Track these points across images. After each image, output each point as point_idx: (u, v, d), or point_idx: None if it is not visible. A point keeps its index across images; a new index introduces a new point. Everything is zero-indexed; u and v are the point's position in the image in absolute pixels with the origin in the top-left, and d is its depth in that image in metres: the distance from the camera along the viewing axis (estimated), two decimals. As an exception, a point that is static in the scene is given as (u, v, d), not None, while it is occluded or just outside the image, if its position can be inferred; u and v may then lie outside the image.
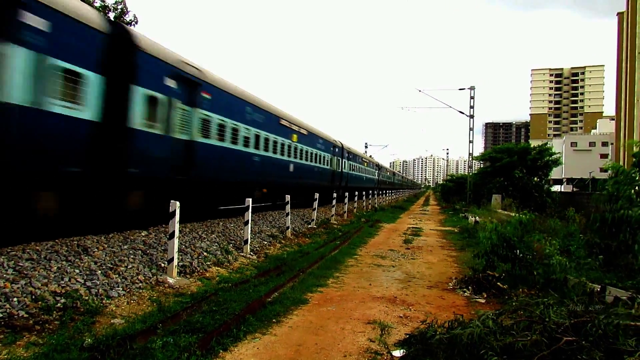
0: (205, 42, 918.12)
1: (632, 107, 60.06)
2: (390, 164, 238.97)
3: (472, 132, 34.63)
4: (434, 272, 9.65)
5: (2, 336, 4.47)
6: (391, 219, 24.59)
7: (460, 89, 34.53)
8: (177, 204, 7.48)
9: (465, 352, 3.88)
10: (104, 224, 9.31)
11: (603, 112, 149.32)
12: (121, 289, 6.33)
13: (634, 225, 7.90)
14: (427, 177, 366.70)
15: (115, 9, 24.31)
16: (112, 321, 5.30)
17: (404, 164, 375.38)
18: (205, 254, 9.10)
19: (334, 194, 21.07)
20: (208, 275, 8.07)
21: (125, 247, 8.07)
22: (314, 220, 17.56)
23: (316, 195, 17.90)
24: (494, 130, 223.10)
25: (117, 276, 6.66)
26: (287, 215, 14.07)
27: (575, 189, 49.04)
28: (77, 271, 6.37)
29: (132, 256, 7.64)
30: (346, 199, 24.01)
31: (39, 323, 4.84)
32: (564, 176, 79.04)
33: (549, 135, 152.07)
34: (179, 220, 7.50)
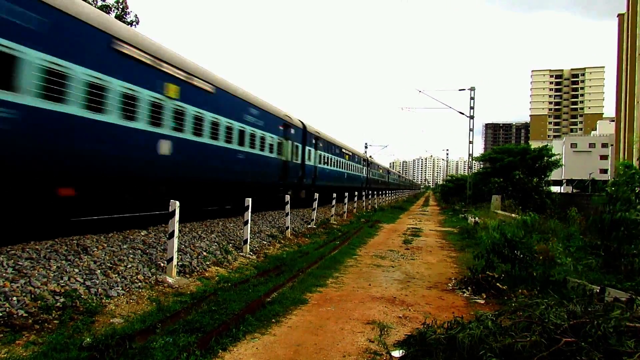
0: (206, 41, 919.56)
1: (632, 108, 60.10)
2: (390, 164, 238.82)
3: (472, 132, 34.60)
4: (433, 272, 9.65)
5: (1, 335, 4.47)
6: (391, 220, 24.60)
7: (460, 89, 34.53)
8: (177, 203, 7.48)
9: (465, 353, 3.88)
10: (104, 223, 9.31)
11: (603, 113, 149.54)
12: (120, 288, 6.33)
13: (630, 227, 7.93)
14: (427, 177, 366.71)
15: (117, 8, 24.36)
16: (112, 320, 5.30)
17: (403, 164, 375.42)
18: (205, 253, 9.10)
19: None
20: (207, 275, 8.07)
21: (125, 246, 8.06)
22: (313, 220, 17.56)
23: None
24: (494, 131, 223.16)
25: (117, 276, 6.66)
26: (287, 215, 14.08)
27: (575, 190, 49.07)
28: (77, 270, 6.37)
29: (131, 256, 7.64)
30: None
31: (38, 322, 4.84)
32: (563, 177, 79.06)
33: (548, 136, 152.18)
34: (178, 219, 7.50)
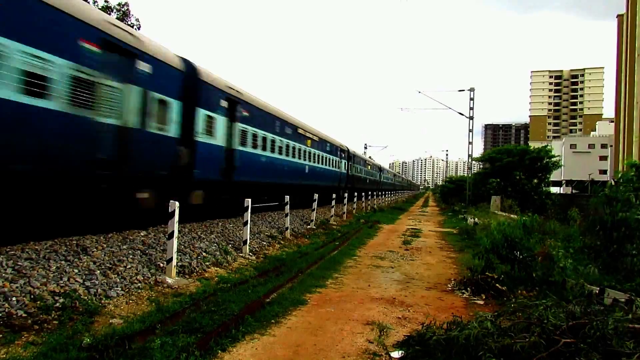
0: (206, 41, 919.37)
1: (631, 109, 60.16)
2: (390, 164, 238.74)
3: (471, 133, 34.59)
4: (432, 273, 9.65)
5: (0, 336, 4.47)
6: (390, 220, 24.61)
7: (459, 90, 34.49)
8: (177, 203, 7.49)
9: (464, 353, 3.89)
10: (103, 223, 9.33)
11: (602, 114, 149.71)
12: (120, 288, 6.33)
13: (632, 227, 7.92)
14: (427, 178, 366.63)
15: (119, 10, 24.40)
16: (111, 321, 5.30)
17: (403, 165, 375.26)
18: (204, 254, 9.10)
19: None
20: (207, 275, 8.07)
21: (124, 247, 8.06)
22: (313, 221, 17.56)
23: (315, 196, 17.91)
24: (494, 132, 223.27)
25: (116, 276, 6.66)
26: (286, 216, 14.08)
27: (574, 191, 49.13)
28: (76, 271, 6.36)
29: (131, 256, 7.63)
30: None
31: (37, 323, 4.84)
32: (563, 178, 79.11)
33: (548, 137, 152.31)
34: (178, 220, 7.50)
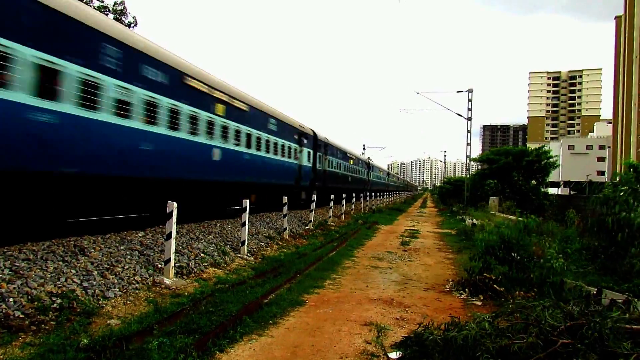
0: (206, 41, 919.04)
1: (629, 110, 60.32)
2: (388, 165, 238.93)
3: (469, 134, 34.62)
4: (430, 274, 9.65)
5: (-3, 336, 4.46)
6: (388, 221, 24.61)
7: (458, 91, 34.53)
8: (175, 204, 7.47)
9: (461, 354, 3.89)
10: (101, 224, 9.32)
11: (600, 115, 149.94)
12: (118, 289, 6.32)
13: (635, 229, 7.88)
14: (425, 179, 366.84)
15: (115, 11, 24.34)
16: (109, 322, 5.29)
17: (401, 165, 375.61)
18: (202, 255, 9.09)
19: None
20: (205, 276, 8.06)
21: (122, 247, 8.05)
22: (311, 221, 17.56)
23: (314, 197, 17.90)
24: (492, 133, 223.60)
25: (114, 277, 6.65)
26: (285, 216, 14.08)
27: (572, 192, 49.19)
28: (74, 271, 6.35)
29: (128, 257, 7.62)
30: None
31: (35, 323, 4.83)
32: (561, 179, 79.22)
33: (546, 138, 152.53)
34: (176, 221, 7.49)
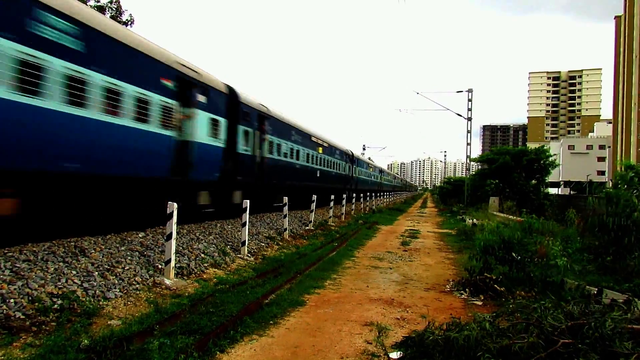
0: (205, 41, 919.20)
1: (629, 110, 60.35)
2: (388, 166, 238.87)
3: (469, 134, 34.64)
4: (431, 274, 9.65)
5: (-2, 337, 4.46)
6: (389, 221, 24.61)
7: (458, 91, 34.57)
8: (175, 205, 7.47)
9: (462, 354, 3.89)
10: (101, 225, 9.32)
11: (600, 115, 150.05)
12: (118, 290, 6.32)
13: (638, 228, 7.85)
14: (425, 179, 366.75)
15: (111, 9, 24.31)
16: (109, 322, 5.29)
17: (401, 166, 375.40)
18: (203, 255, 9.09)
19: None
20: (205, 276, 8.06)
21: (123, 248, 8.05)
22: (311, 222, 17.55)
23: (314, 197, 17.91)
24: (492, 133, 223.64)
25: (114, 277, 6.65)
26: (285, 217, 14.07)
27: (572, 192, 49.23)
28: (74, 272, 6.35)
29: (129, 257, 7.62)
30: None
31: (35, 324, 4.83)
32: (561, 179, 79.26)
33: (546, 138, 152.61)
34: (176, 221, 7.49)
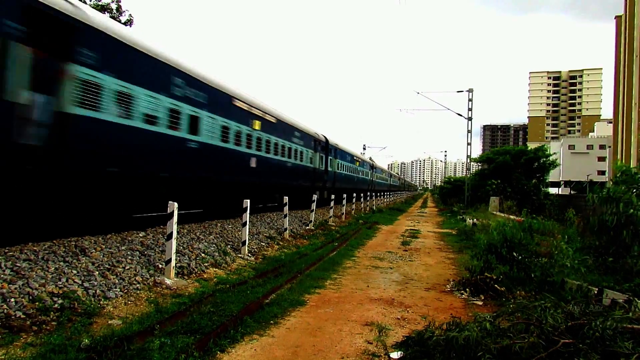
0: (204, 41, 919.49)
1: (629, 110, 60.29)
2: (388, 165, 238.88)
3: (470, 134, 34.62)
4: (431, 274, 9.65)
5: (-1, 337, 4.46)
6: (389, 221, 24.61)
7: (458, 91, 34.53)
8: (175, 204, 7.48)
9: (462, 354, 3.89)
10: (102, 224, 9.33)
11: (601, 115, 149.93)
12: (119, 289, 6.33)
13: (638, 226, 7.84)
14: (425, 179, 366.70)
15: (111, 9, 24.29)
16: (110, 322, 5.30)
17: (401, 165, 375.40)
18: (203, 255, 9.09)
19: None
20: (206, 276, 8.06)
21: (123, 248, 8.05)
22: (312, 221, 17.56)
23: (314, 197, 17.91)
24: (492, 133, 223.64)
25: (115, 277, 6.65)
26: (285, 216, 14.08)
27: (572, 192, 49.23)
28: (75, 272, 6.36)
29: (129, 257, 7.63)
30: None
31: (36, 324, 4.84)
32: (561, 179, 79.23)
33: (546, 138, 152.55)
34: (177, 221, 7.49)
